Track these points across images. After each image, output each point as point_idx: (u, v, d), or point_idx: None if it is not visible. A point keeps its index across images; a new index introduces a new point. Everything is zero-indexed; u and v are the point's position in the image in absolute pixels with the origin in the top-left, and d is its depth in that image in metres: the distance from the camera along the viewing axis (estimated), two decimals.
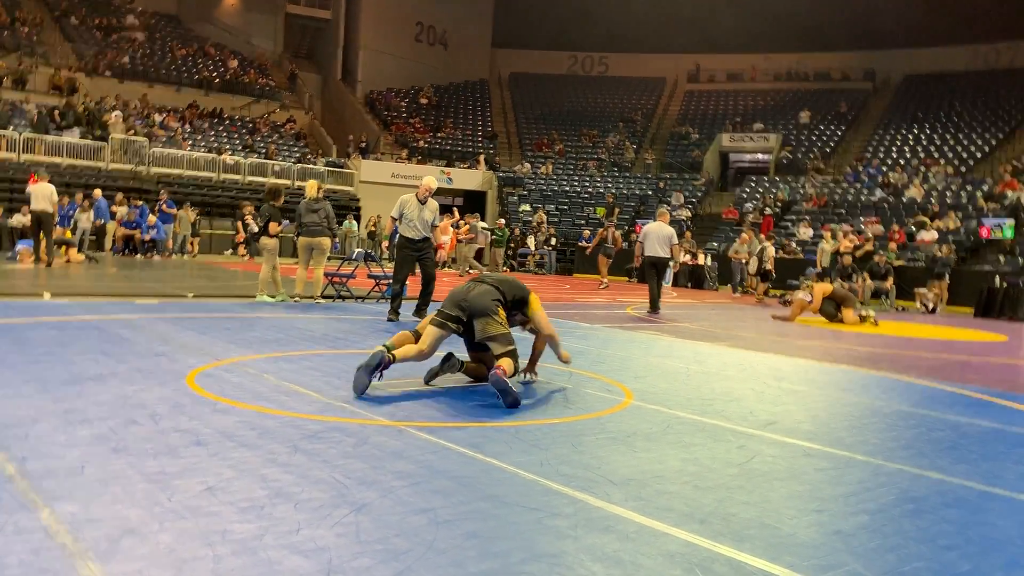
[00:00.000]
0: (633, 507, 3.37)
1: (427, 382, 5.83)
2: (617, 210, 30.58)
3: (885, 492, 3.80)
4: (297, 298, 11.51)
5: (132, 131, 28.12)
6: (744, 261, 21.71)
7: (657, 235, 13.54)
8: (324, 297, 12.12)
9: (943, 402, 6.41)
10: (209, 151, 29.39)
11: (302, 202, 11.58)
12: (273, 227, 11.35)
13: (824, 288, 14.08)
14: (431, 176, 10.48)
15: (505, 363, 5.43)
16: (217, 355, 6.54)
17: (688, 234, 26.56)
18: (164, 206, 22.80)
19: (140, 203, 22.54)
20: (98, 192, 22.06)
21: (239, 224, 23.37)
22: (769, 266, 20.05)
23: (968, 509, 3.62)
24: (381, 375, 5.50)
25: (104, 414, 4.38)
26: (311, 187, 11.70)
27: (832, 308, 13.83)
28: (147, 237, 21.96)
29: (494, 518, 3.14)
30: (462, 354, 6.09)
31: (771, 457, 4.34)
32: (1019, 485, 4.05)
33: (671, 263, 14.43)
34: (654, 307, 13.57)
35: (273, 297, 11.47)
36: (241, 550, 2.69)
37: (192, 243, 24.05)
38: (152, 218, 22.17)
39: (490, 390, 5.65)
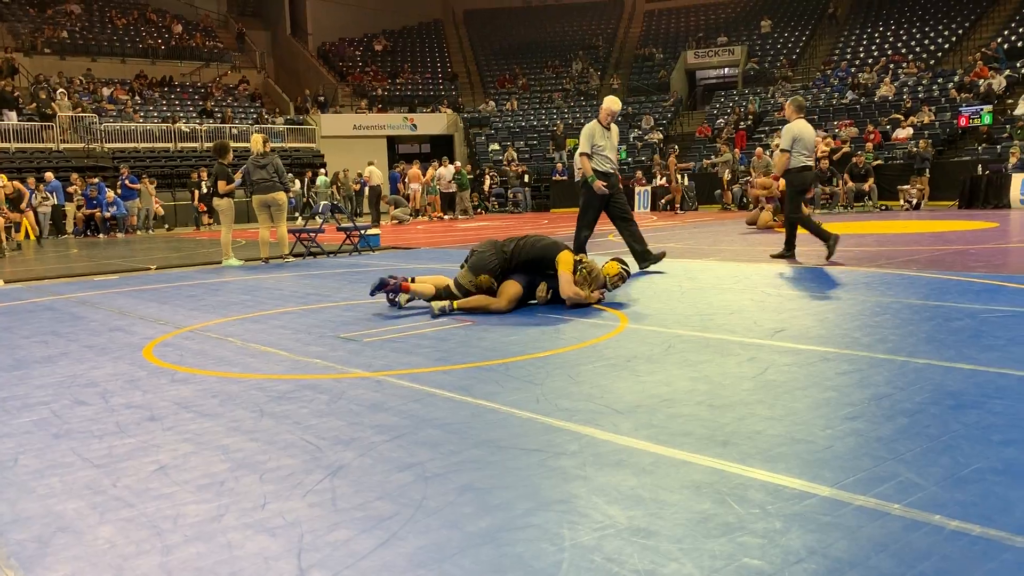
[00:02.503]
0: (645, 436, 2.98)
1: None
2: (569, 142, 29.83)
3: (919, 390, 3.44)
4: (265, 260, 10.99)
5: (79, 108, 27.04)
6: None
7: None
8: (294, 255, 11.61)
9: (952, 292, 6.06)
10: (163, 121, 28.37)
11: (249, 159, 10.94)
12: (222, 185, 10.75)
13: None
14: (611, 96, 8.65)
15: (418, 283, 6.18)
16: (178, 323, 6.07)
17: (670, 158, 25.89)
18: (127, 182, 22.01)
19: (96, 180, 21.72)
20: (50, 175, 21.24)
21: (196, 192, 22.64)
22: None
23: (1012, 398, 3.26)
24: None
25: (48, 397, 3.93)
26: (256, 142, 11.03)
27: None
28: (108, 215, 21.21)
29: (490, 466, 2.74)
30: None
31: (786, 366, 3.96)
32: None
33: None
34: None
35: (241, 261, 10.94)
36: (196, 535, 2.28)
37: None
38: (111, 194, 21.41)
39: (475, 329, 5.30)
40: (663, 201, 22.66)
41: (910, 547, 2.03)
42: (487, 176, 28.30)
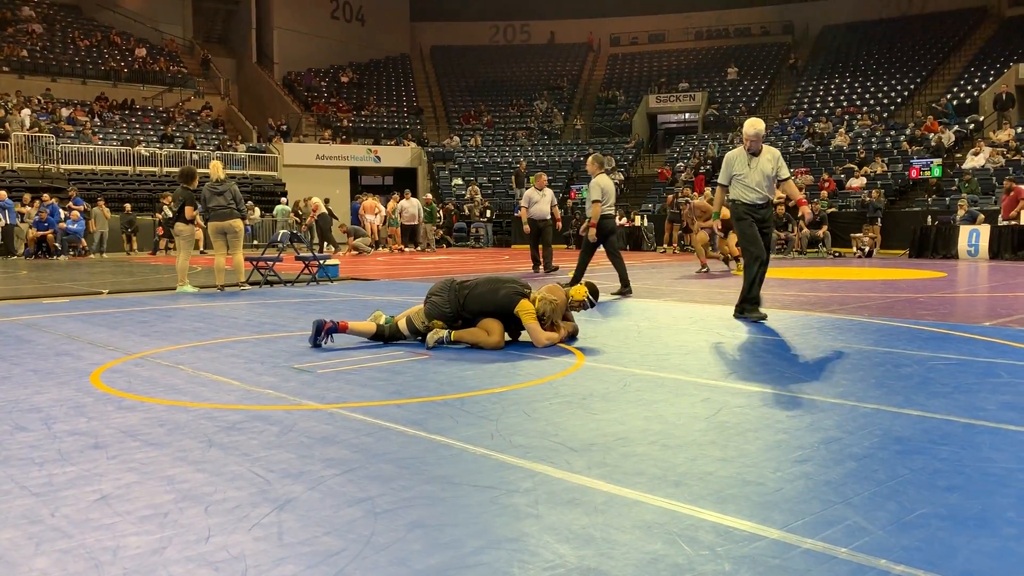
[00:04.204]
0: (598, 474, 2.98)
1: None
2: (532, 179, 30.06)
3: (867, 435, 3.49)
4: (220, 288, 10.84)
5: (37, 127, 26.62)
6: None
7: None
8: (250, 283, 11.48)
9: (902, 338, 6.19)
10: (122, 144, 28.04)
11: (206, 185, 10.83)
12: (188, 211, 10.63)
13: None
14: (751, 119, 7.56)
15: (357, 324, 6.12)
16: (128, 349, 5.95)
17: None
18: (71, 203, 21.70)
19: (51, 201, 21.37)
20: (3, 194, 20.84)
21: (158, 217, 22.37)
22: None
23: (958, 444, 3.33)
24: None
25: None
26: (215, 168, 10.95)
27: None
28: (66, 226, 20.90)
29: (442, 503, 2.71)
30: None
31: (739, 408, 4.00)
32: (1002, 415, 3.79)
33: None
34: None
35: (196, 288, 10.78)
36: (135, 568, 2.21)
37: (132, 239, 23.06)
38: (75, 213, 21.16)
39: (431, 363, 5.28)
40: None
41: None
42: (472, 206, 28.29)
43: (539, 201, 14.41)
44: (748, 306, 7.40)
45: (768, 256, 7.46)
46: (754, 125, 7.34)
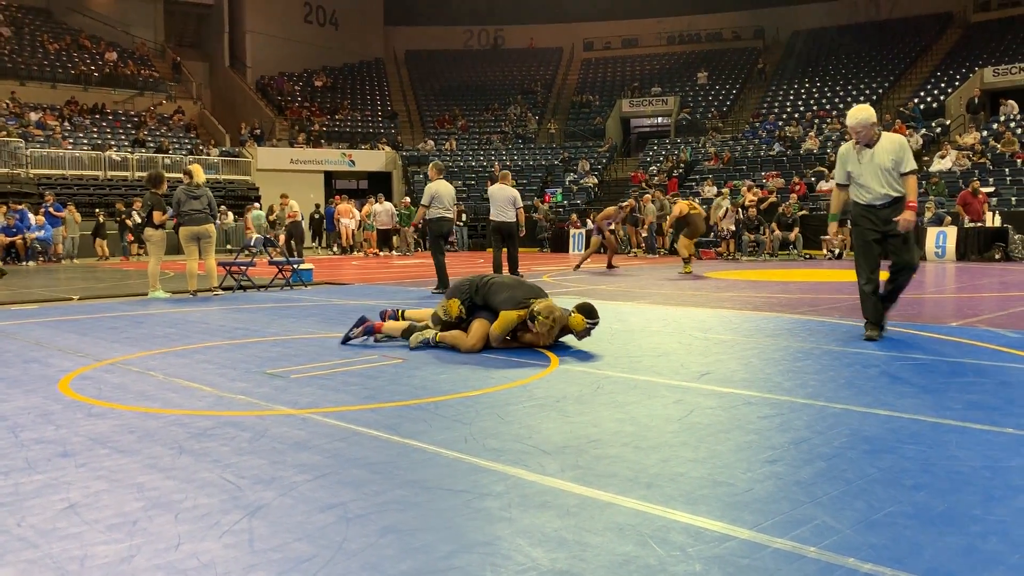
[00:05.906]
0: (571, 477, 2.99)
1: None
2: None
3: (836, 434, 3.53)
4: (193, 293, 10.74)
5: (4, 132, 26.23)
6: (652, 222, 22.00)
7: (502, 198, 12.03)
8: (224, 288, 11.38)
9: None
10: (93, 148, 27.69)
11: (179, 189, 10.69)
12: (157, 216, 10.51)
13: (682, 206, 15.13)
14: (857, 106, 6.23)
15: (390, 324, 6.29)
16: (98, 356, 5.88)
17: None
18: (52, 209, 21.41)
19: (21, 207, 21.06)
20: None
21: (127, 222, 22.12)
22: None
23: (925, 443, 3.38)
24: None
25: None
26: (199, 173, 10.84)
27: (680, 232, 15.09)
28: (32, 236, 20.59)
29: (414, 507, 2.71)
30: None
31: (711, 409, 4.03)
32: (968, 414, 3.85)
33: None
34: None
35: (168, 293, 10.66)
36: None
37: (101, 246, 22.70)
38: (41, 219, 20.86)
39: (405, 367, 5.27)
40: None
41: None
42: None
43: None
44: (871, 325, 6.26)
45: (908, 261, 6.17)
46: (855, 115, 6.07)
